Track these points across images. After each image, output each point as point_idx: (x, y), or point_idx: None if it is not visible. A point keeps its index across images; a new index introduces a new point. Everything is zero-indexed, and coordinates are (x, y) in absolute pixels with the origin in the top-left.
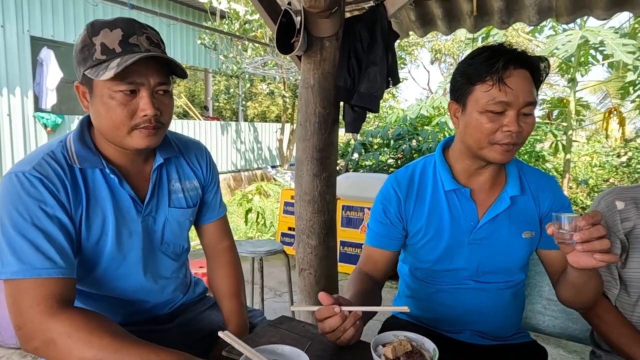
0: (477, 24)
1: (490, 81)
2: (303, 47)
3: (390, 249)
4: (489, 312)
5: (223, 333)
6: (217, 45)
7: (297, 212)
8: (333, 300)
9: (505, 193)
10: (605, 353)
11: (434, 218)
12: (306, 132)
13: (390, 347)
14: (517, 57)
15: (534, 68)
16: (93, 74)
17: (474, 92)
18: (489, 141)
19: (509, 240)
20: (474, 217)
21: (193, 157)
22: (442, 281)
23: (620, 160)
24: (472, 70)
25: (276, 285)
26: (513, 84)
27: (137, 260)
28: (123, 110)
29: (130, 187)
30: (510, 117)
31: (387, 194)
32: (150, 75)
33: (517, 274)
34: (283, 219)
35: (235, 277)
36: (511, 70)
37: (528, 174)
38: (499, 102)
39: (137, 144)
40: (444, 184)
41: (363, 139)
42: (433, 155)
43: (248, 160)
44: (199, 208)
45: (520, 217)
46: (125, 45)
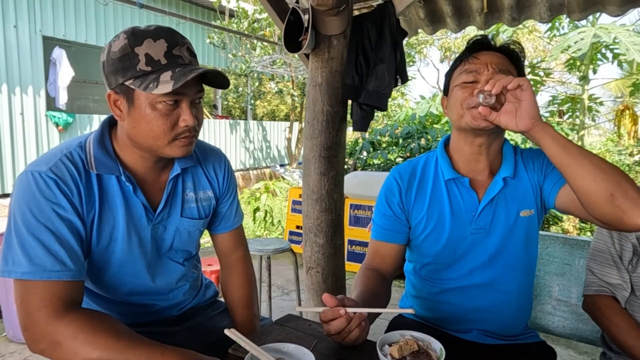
0: (487, 21)
1: (462, 63)
2: (311, 45)
3: (396, 242)
4: (495, 310)
5: (229, 331)
6: (226, 44)
7: (305, 210)
8: (337, 301)
9: (498, 175)
10: (615, 355)
11: (435, 209)
12: (314, 130)
13: (396, 346)
14: (486, 43)
15: (506, 52)
16: (139, 86)
17: (453, 78)
18: (467, 106)
19: (508, 222)
20: (475, 206)
21: (210, 167)
22: (446, 279)
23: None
24: (452, 63)
25: (284, 284)
26: (482, 57)
27: (144, 266)
28: (166, 121)
29: (144, 194)
30: (481, 80)
31: (390, 185)
32: (191, 87)
33: (522, 258)
34: (291, 217)
35: (249, 288)
36: (481, 53)
37: (524, 153)
38: (469, 73)
39: (174, 153)
40: (444, 173)
41: (371, 138)
42: (435, 151)
43: (257, 158)
44: (213, 218)
45: (516, 197)
46: (170, 57)
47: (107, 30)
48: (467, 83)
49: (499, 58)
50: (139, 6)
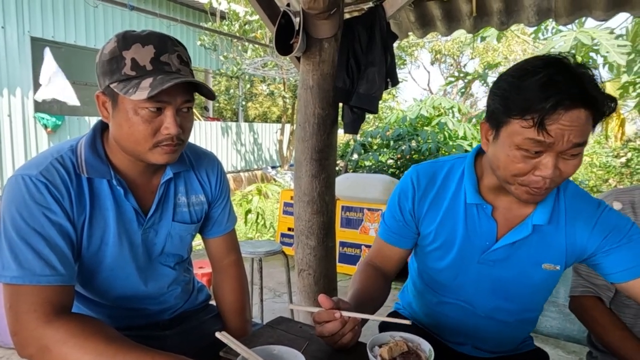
0: (477, 24)
1: (530, 120)
2: (302, 48)
3: (402, 246)
4: (494, 334)
5: (220, 333)
6: (217, 46)
7: (296, 213)
8: (333, 303)
9: (529, 219)
10: (601, 354)
11: (447, 227)
12: (305, 133)
13: (386, 347)
14: (573, 96)
15: (597, 106)
16: (121, 90)
17: (509, 125)
18: (517, 181)
19: (526, 269)
20: (492, 237)
21: (203, 172)
22: (446, 294)
23: (619, 161)
24: (513, 101)
25: (276, 286)
26: (557, 129)
27: (135, 270)
28: (147, 127)
29: (136, 199)
30: (545, 161)
31: (405, 186)
32: (177, 95)
33: (531, 305)
34: (283, 219)
35: (242, 292)
36: (560, 113)
37: (569, 198)
38: (536, 143)
39: (156, 160)
40: (467, 195)
41: (363, 140)
42: (464, 159)
43: (248, 161)
44: (205, 222)
45: (544, 247)
46: (156, 64)
47: (97, 32)
48: (530, 153)
49: (580, 121)
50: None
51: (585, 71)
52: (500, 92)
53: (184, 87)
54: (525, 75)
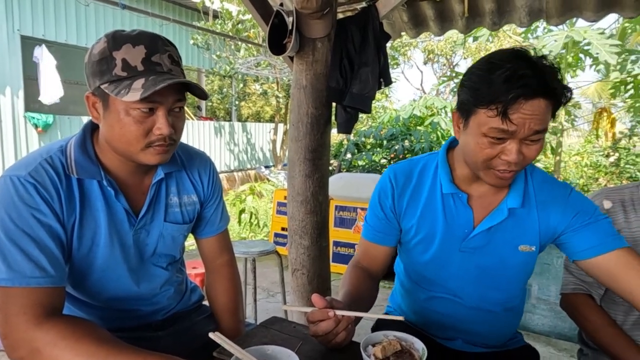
0: (469, 25)
1: (495, 109)
2: (295, 48)
3: (387, 244)
4: (482, 324)
5: (214, 334)
6: (210, 45)
7: (290, 212)
8: (327, 303)
9: (504, 204)
10: (592, 351)
11: (427, 219)
12: (298, 132)
13: (379, 347)
14: (533, 87)
15: (555, 95)
16: (112, 91)
17: (477, 114)
18: (486, 165)
19: (504, 253)
20: (469, 224)
21: (195, 171)
22: (434, 289)
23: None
24: (480, 92)
25: (269, 286)
26: (519, 117)
27: (127, 271)
28: (139, 127)
29: (127, 199)
30: (509, 147)
31: (384, 185)
32: (169, 95)
33: (512, 288)
34: (276, 219)
35: (235, 293)
36: (521, 103)
37: (537, 183)
38: (500, 131)
39: (148, 161)
40: (442, 186)
41: (356, 139)
42: (437, 154)
43: (242, 160)
44: (197, 222)
45: (519, 230)
46: (148, 64)
47: (89, 31)
48: (496, 139)
49: (541, 109)
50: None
51: (546, 63)
52: (469, 84)
53: (176, 87)
54: (492, 68)
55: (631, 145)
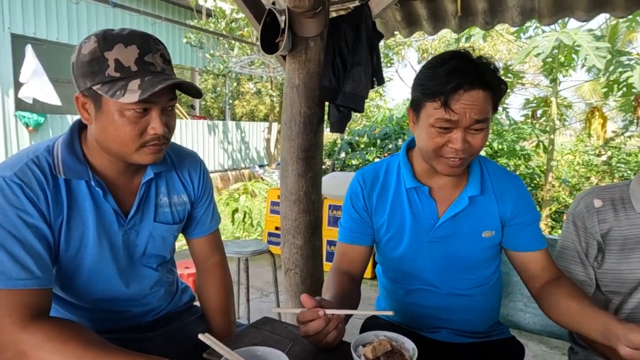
0: (462, 24)
1: (439, 101)
2: (287, 46)
3: (363, 244)
4: (461, 311)
5: (203, 335)
6: (204, 44)
7: (283, 212)
8: (316, 302)
9: (465, 193)
10: (582, 349)
11: (397, 215)
12: (291, 132)
13: (370, 347)
14: (471, 79)
15: (491, 87)
16: (107, 92)
17: (425, 107)
18: (437, 154)
19: (469, 239)
20: (434, 215)
21: (185, 171)
22: (410, 282)
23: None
24: (425, 87)
25: (263, 286)
26: (460, 107)
27: (116, 272)
28: (134, 128)
29: (116, 200)
30: (455, 135)
31: (354, 188)
32: (163, 95)
33: (482, 272)
34: (270, 218)
35: (226, 294)
36: (461, 94)
37: (492, 173)
38: (445, 121)
39: (143, 160)
40: (405, 182)
41: (350, 139)
42: (397, 155)
43: (235, 159)
44: (188, 222)
45: (481, 216)
46: (141, 64)
47: (80, 29)
48: (442, 129)
49: (480, 100)
50: (112, 5)
51: (483, 60)
52: (418, 82)
53: (169, 87)
54: (436, 66)
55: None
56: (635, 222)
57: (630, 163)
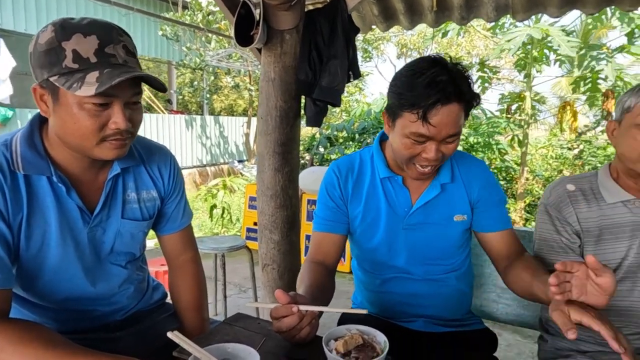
0: (438, 19)
1: (416, 114)
2: (262, 39)
3: (339, 232)
4: (435, 297)
5: (172, 333)
6: (180, 37)
7: (260, 207)
8: (290, 298)
9: (436, 181)
10: (551, 337)
11: (372, 204)
12: (267, 126)
13: (341, 341)
14: (448, 94)
15: (467, 100)
16: (64, 84)
17: (402, 117)
18: (410, 161)
19: (442, 224)
20: (408, 203)
21: (155, 166)
22: (385, 271)
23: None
24: (404, 97)
25: (241, 281)
26: (437, 121)
27: (82, 271)
28: (94, 122)
29: (80, 196)
30: (429, 147)
31: (330, 178)
32: (125, 88)
33: (456, 257)
34: (248, 214)
35: (199, 291)
36: (438, 108)
37: (460, 161)
38: (420, 135)
39: (105, 155)
40: (379, 172)
41: (328, 133)
42: (371, 147)
43: (214, 155)
44: (158, 218)
45: (452, 202)
46: (101, 55)
47: (50, 20)
48: (416, 141)
49: (454, 114)
50: None
51: (460, 70)
52: (395, 89)
53: (133, 79)
54: (413, 75)
55: (594, 139)
56: (607, 212)
57: (600, 156)
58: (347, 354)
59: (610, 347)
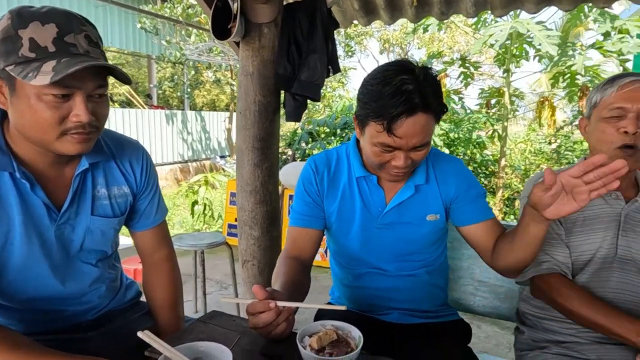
0: (418, 14)
1: (381, 125)
2: (240, 33)
3: (315, 227)
4: (409, 291)
5: (143, 333)
6: (159, 30)
7: (239, 203)
8: (267, 294)
9: (411, 182)
10: (528, 328)
11: (347, 202)
12: (246, 121)
13: (316, 337)
14: (414, 105)
15: (434, 111)
16: (19, 73)
17: (369, 125)
18: (381, 167)
19: (415, 224)
20: (382, 203)
21: (126, 161)
22: (359, 266)
23: (550, 148)
24: (369, 106)
25: (222, 278)
26: (403, 132)
27: (50, 270)
28: (53, 114)
29: (46, 192)
30: (398, 155)
31: (307, 173)
32: (87, 80)
33: (429, 253)
34: (230, 210)
35: (174, 288)
36: (403, 120)
37: (435, 162)
38: (386, 146)
39: (67, 150)
40: (355, 171)
41: (310, 128)
42: (348, 145)
43: (196, 150)
44: (131, 215)
45: (425, 202)
46: (60, 45)
47: None
48: (385, 151)
49: (422, 124)
50: None
51: (428, 77)
52: (362, 97)
53: (96, 70)
54: (380, 83)
55: (571, 133)
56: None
57: (577, 150)
58: (321, 350)
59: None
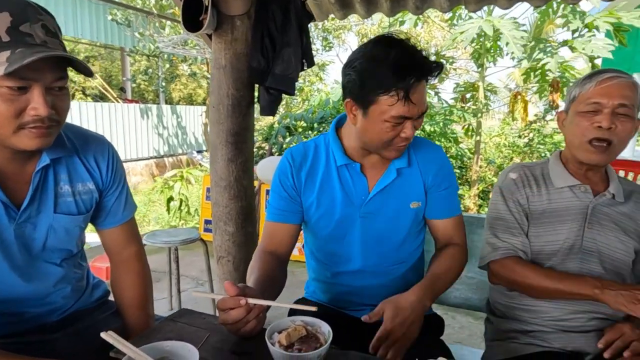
0: (393, 8)
1: (396, 96)
2: (212, 25)
3: (292, 222)
4: (385, 288)
5: (106, 333)
6: (132, 22)
7: (214, 198)
8: (239, 290)
9: (392, 165)
10: (497, 319)
11: (326, 193)
12: (219, 115)
13: (284, 333)
14: (420, 71)
15: (431, 74)
16: None
17: (378, 103)
18: (388, 145)
19: (398, 210)
20: (365, 190)
21: (91, 156)
22: (339, 261)
23: (523, 141)
24: (376, 80)
25: (198, 275)
26: (417, 99)
27: (10, 270)
28: (9, 107)
29: (4, 190)
30: (407, 125)
31: (283, 167)
32: (45, 71)
33: (408, 247)
34: (206, 205)
35: (143, 287)
36: (416, 86)
37: (416, 147)
38: (400, 117)
39: (25, 145)
40: (336, 159)
41: (287, 122)
42: (326, 134)
43: (172, 145)
44: (97, 212)
45: (408, 188)
46: (14, 34)
47: None
48: (397, 123)
49: (425, 89)
50: None
51: (414, 44)
52: (358, 76)
53: (55, 62)
54: (381, 58)
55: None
56: (554, 197)
57: (547, 144)
58: (290, 346)
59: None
